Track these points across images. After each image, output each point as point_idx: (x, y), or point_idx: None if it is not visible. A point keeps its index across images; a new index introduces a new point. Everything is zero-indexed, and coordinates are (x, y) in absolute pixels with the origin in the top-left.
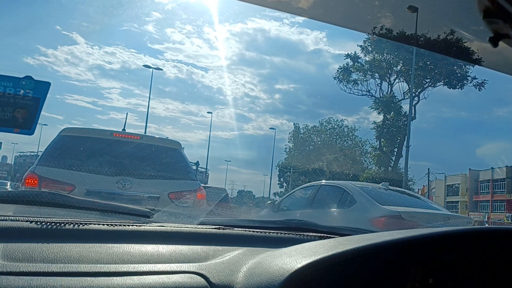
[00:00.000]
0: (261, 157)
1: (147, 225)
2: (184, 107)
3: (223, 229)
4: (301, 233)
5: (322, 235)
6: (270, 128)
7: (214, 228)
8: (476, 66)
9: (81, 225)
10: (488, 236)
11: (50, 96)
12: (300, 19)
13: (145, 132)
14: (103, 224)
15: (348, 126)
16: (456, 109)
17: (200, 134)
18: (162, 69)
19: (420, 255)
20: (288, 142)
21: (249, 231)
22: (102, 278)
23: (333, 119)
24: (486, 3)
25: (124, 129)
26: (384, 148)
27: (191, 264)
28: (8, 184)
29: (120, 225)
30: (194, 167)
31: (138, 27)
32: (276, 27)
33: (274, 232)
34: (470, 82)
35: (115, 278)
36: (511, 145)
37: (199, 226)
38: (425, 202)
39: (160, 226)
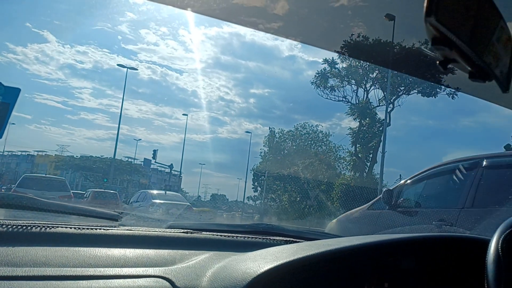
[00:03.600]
0: (235, 161)
1: (115, 228)
2: (158, 109)
3: (191, 233)
4: (268, 237)
5: (288, 239)
6: (246, 132)
7: (182, 232)
8: (449, 74)
9: (48, 228)
10: (444, 243)
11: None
12: (275, 25)
13: (117, 133)
14: (71, 227)
15: (322, 131)
16: (424, 117)
17: (174, 136)
18: (137, 69)
19: (377, 261)
20: (264, 146)
21: (217, 235)
22: (68, 282)
23: (308, 124)
24: (433, 32)
25: (45, 174)
26: (360, 154)
27: (157, 268)
28: None
29: (87, 228)
30: (168, 170)
31: (112, 27)
32: (251, 32)
33: (242, 236)
34: (443, 91)
35: (80, 282)
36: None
37: (167, 230)
38: (180, 197)
39: (127, 230)
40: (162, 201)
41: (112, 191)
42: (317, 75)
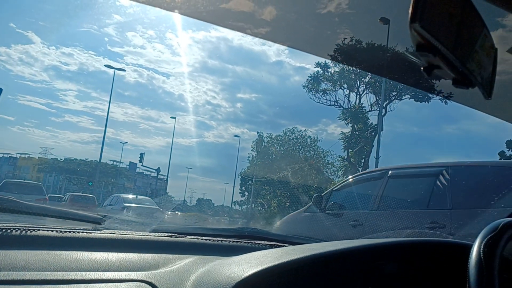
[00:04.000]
0: (222, 165)
1: (98, 232)
2: (144, 112)
3: (176, 237)
4: (253, 241)
5: (273, 243)
6: (235, 136)
7: (167, 236)
8: (442, 80)
9: (28, 231)
10: (427, 248)
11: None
12: (263, 30)
13: (103, 136)
14: (52, 231)
15: (310, 136)
16: (418, 122)
17: (160, 140)
18: (124, 70)
19: (361, 265)
20: (252, 150)
21: (202, 239)
22: (48, 286)
23: (297, 129)
24: (418, 38)
25: (26, 177)
26: (352, 159)
27: (140, 272)
28: None
29: (69, 231)
30: (154, 174)
31: (98, 29)
32: (239, 37)
33: (226, 240)
34: (436, 96)
35: (61, 286)
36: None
37: (151, 234)
38: (150, 201)
39: (110, 233)
40: (133, 205)
41: (90, 195)
42: (309, 79)
